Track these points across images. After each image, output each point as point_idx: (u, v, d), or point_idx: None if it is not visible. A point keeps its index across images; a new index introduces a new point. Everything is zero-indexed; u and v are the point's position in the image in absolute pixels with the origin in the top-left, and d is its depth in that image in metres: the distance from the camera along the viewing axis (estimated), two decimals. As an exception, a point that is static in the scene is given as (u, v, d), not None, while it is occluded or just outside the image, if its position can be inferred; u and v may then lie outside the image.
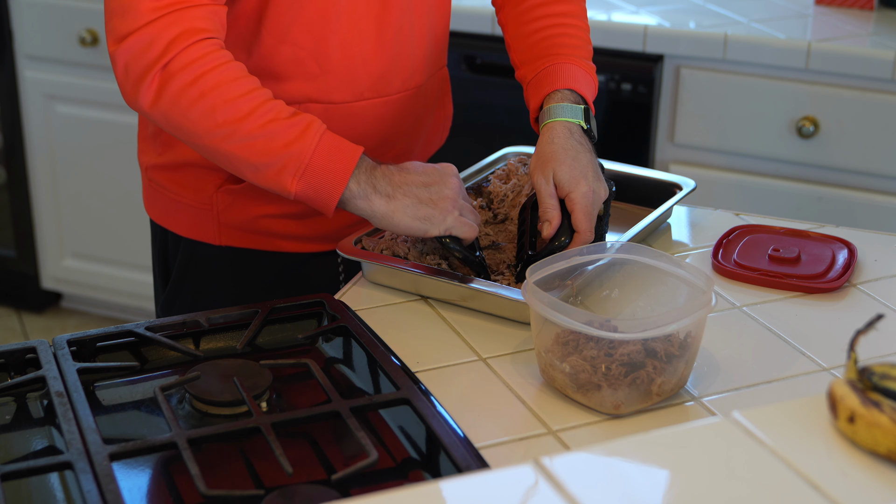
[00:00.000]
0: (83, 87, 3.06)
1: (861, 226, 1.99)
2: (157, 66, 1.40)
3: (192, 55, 1.40)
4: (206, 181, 1.62)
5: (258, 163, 1.43)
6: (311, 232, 1.65)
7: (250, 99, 1.42)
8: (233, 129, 1.41)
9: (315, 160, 1.42)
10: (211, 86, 1.41)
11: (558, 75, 1.60)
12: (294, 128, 1.42)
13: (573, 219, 1.49)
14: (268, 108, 1.42)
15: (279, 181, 1.43)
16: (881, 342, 1.37)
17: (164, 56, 1.40)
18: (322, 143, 1.42)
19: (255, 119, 1.41)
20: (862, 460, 0.92)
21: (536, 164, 1.52)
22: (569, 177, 1.49)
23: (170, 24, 1.40)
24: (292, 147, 1.42)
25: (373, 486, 1.13)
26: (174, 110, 1.42)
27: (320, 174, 1.42)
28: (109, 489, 1.08)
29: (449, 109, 1.81)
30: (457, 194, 1.46)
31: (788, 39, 2.45)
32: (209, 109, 1.41)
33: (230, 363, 1.29)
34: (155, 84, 1.41)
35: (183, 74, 1.40)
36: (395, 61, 1.59)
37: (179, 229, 1.67)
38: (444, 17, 1.68)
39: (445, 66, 1.75)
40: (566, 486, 0.89)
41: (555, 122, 1.55)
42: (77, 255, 3.26)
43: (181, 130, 1.44)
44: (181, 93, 1.41)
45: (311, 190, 1.43)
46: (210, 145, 1.44)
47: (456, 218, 1.45)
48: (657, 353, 1.25)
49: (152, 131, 1.66)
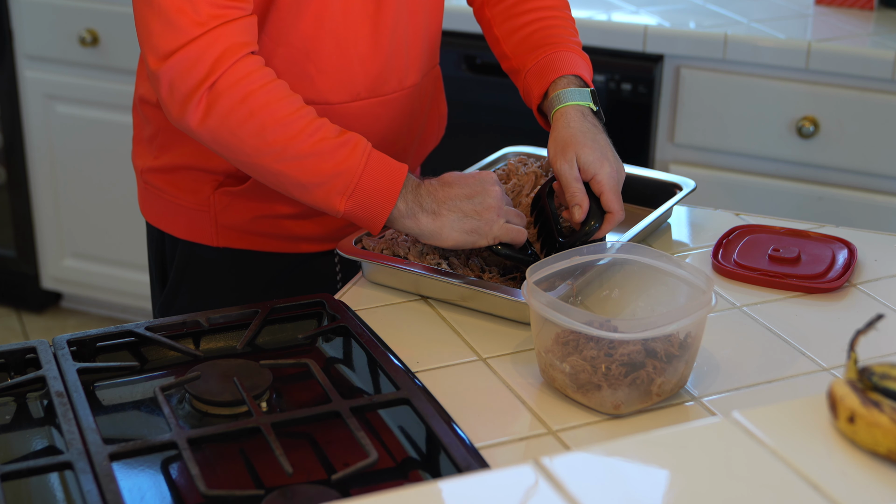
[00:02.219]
0: (83, 87, 3.06)
1: (861, 226, 1.99)
2: (204, 85, 1.39)
3: (239, 73, 1.40)
4: (203, 183, 1.62)
5: (308, 182, 1.43)
6: (309, 232, 1.65)
7: (299, 118, 1.42)
8: (283, 148, 1.41)
9: (364, 181, 1.42)
10: (260, 104, 1.40)
11: (560, 63, 1.61)
12: (343, 147, 1.42)
13: (603, 200, 1.50)
14: (316, 127, 1.42)
15: (328, 201, 1.43)
16: (881, 342, 1.37)
17: (212, 74, 1.39)
18: (370, 164, 1.43)
19: (304, 138, 1.41)
20: (862, 460, 0.92)
21: (556, 149, 1.53)
22: (592, 159, 1.50)
23: (214, 41, 1.38)
24: (341, 167, 1.42)
25: (373, 486, 1.13)
26: (223, 129, 1.41)
27: (369, 194, 1.43)
28: (109, 489, 1.08)
29: (443, 108, 1.81)
30: (500, 202, 1.46)
31: (788, 39, 2.45)
32: (259, 128, 1.40)
33: (230, 363, 1.29)
34: (203, 103, 1.40)
35: (231, 93, 1.40)
36: (391, 61, 1.60)
37: (177, 231, 1.67)
38: (438, 15, 1.68)
39: (438, 65, 1.76)
40: (566, 486, 0.89)
41: (567, 107, 1.56)
42: (77, 255, 3.26)
43: (229, 149, 1.43)
44: (230, 112, 1.40)
45: (360, 209, 1.43)
46: (260, 163, 1.43)
47: (502, 226, 1.45)
48: (657, 353, 1.25)
49: (148, 134, 1.65)
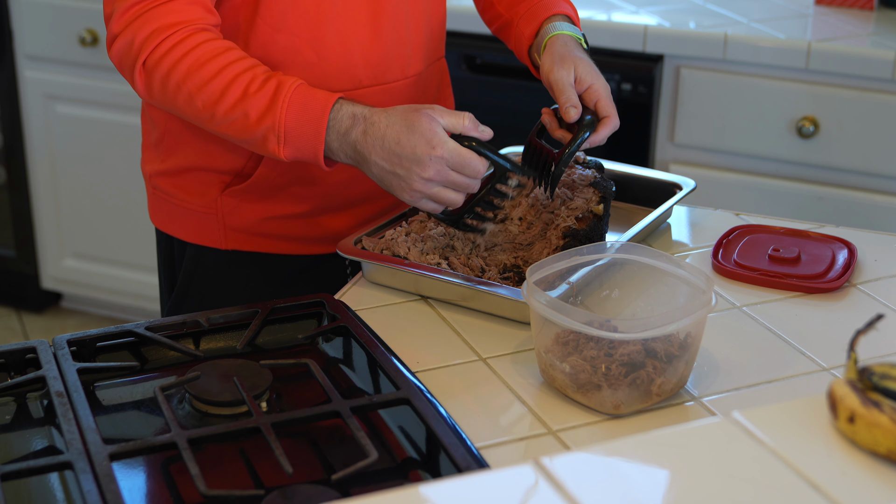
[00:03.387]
0: (83, 87, 3.06)
1: (861, 226, 1.99)
2: (138, 63, 1.46)
3: (163, 49, 1.45)
4: (209, 185, 1.62)
5: (247, 139, 1.46)
6: (318, 233, 1.65)
7: (221, 79, 1.44)
8: (212, 113, 1.45)
9: (289, 125, 1.43)
10: (183, 75, 1.45)
11: (552, 5, 1.66)
12: (264, 98, 1.44)
13: (600, 105, 1.53)
14: (238, 85, 1.44)
15: (268, 151, 1.46)
16: (881, 342, 1.37)
17: (142, 53, 1.46)
18: (292, 107, 1.43)
19: (228, 99, 1.44)
20: (862, 460, 0.92)
21: (553, 62, 1.56)
22: (589, 70, 1.54)
23: (144, 23, 1.45)
24: (265, 119, 1.44)
25: (373, 486, 1.13)
26: (165, 101, 1.48)
27: (298, 138, 1.44)
28: (109, 489, 1.08)
29: (451, 102, 1.81)
30: (424, 186, 1.41)
31: (788, 39, 2.45)
32: (188, 98, 1.46)
33: (230, 363, 1.29)
34: (142, 79, 1.48)
35: (159, 69, 1.46)
36: (392, 48, 1.60)
37: (185, 235, 1.67)
38: (440, 6, 1.69)
39: (444, 58, 1.76)
40: (566, 486, 0.89)
41: (563, 34, 1.61)
42: (77, 255, 3.26)
43: (181, 116, 1.51)
44: (163, 85, 1.46)
45: (298, 153, 1.45)
46: (206, 128, 1.49)
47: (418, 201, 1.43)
48: (657, 353, 1.25)
49: (155, 139, 1.66)
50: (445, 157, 1.39)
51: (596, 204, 1.58)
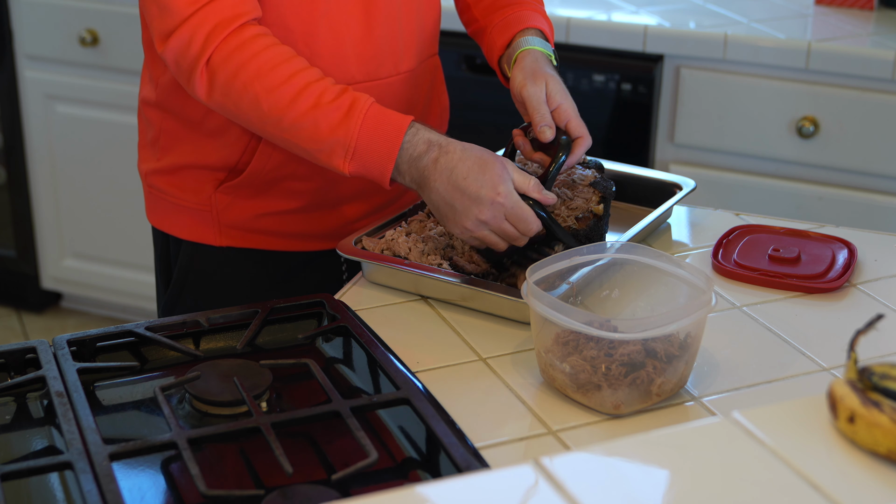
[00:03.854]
0: (83, 87, 3.06)
1: (861, 226, 1.99)
2: (201, 62, 1.44)
3: (230, 46, 1.43)
4: (204, 182, 1.63)
5: (310, 148, 1.45)
6: (313, 229, 1.65)
7: (292, 85, 1.43)
8: (279, 117, 1.44)
9: (361, 142, 1.43)
10: (251, 76, 1.43)
11: (526, 19, 1.66)
12: (338, 111, 1.43)
13: (570, 126, 1.54)
14: (310, 93, 1.43)
15: (332, 164, 1.45)
16: (881, 342, 1.37)
17: (205, 51, 1.43)
18: (366, 123, 1.43)
19: (298, 106, 1.43)
20: (862, 460, 0.92)
21: (525, 78, 1.56)
22: (559, 89, 1.54)
23: (205, 18, 1.43)
24: (337, 132, 1.43)
25: (373, 486, 1.13)
26: (227, 102, 1.46)
27: (368, 155, 1.43)
28: (109, 489, 1.08)
29: (445, 100, 1.80)
30: (476, 226, 1.41)
31: (788, 39, 2.45)
32: (254, 100, 1.44)
33: (230, 363, 1.29)
34: (204, 79, 1.45)
35: (224, 68, 1.43)
36: (385, 44, 1.60)
37: (180, 233, 1.67)
38: (435, 4, 1.69)
39: (437, 55, 1.76)
40: (566, 486, 0.89)
41: (534, 49, 1.61)
42: (77, 255, 3.26)
43: (240, 120, 1.48)
44: (227, 85, 1.44)
45: (364, 170, 1.45)
46: (266, 132, 1.47)
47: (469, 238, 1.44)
48: (657, 353, 1.25)
49: (151, 138, 1.66)
50: (506, 206, 1.40)
51: (596, 204, 1.58)
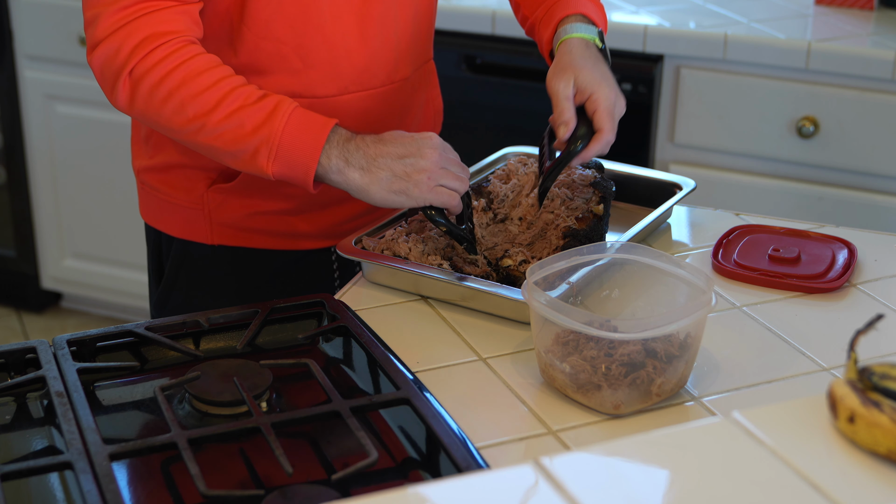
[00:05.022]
0: (83, 87, 3.05)
1: (861, 226, 1.99)
2: (124, 72, 1.45)
3: (155, 58, 1.44)
4: (196, 181, 1.63)
5: (233, 150, 1.45)
6: (304, 229, 1.65)
7: (216, 90, 1.44)
8: (203, 123, 1.44)
9: (284, 140, 1.44)
10: (177, 83, 1.44)
11: (566, 5, 1.62)
12: (261, 111, 1.44)
13: (596, 117, 1.49)
14: (234, 97, 1.44)
15: (255, 165, 1.45)
16: (881, 342, 1.37)
17: (129, 62, 1.44)
18: (291, 122, 1.44)
19: (223, 109, 1.44)
20: (862, 460, 0.92)
21: (554, 72, 1.53)
22: (591, 79, 1.50)
23: (133, 31, 1.44)
24: (261, 131, 1.44)
25: (373, 486, 1.13)
26: (149, 110, 1.46)
27: (291, 153, 1.44)
28: (109, 489, 1.08)
29: (438, 103, 1.80)
30: (434, 165, 1.45)
31: (788, 39, 2.45)
32: (179, 106, 1.45)
33: (230, 363, 1.29)
34: (126, 88, 1.46)
35: (149, 77, 1.44)
36: (379, 54, 1.59)
37: (172, 230, 1.67)
38: (429, 8, 1.68)
39: (432, 60, 1.75)
40: (566, 486, 0.89)
41: (571, 38, 1.56)
42: (77, 255, 3.26)
43: (160, 128, 1.49)
44: (150, 94, 1.45)
45: (287, 169, 1.45)
46: (189, 139, 1.47)
47: (432, 189, 1.45)
48: (657, 353, 1.25)
49: (144, 135, 1.67)
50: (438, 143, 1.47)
51: (596, 204, 1.59)
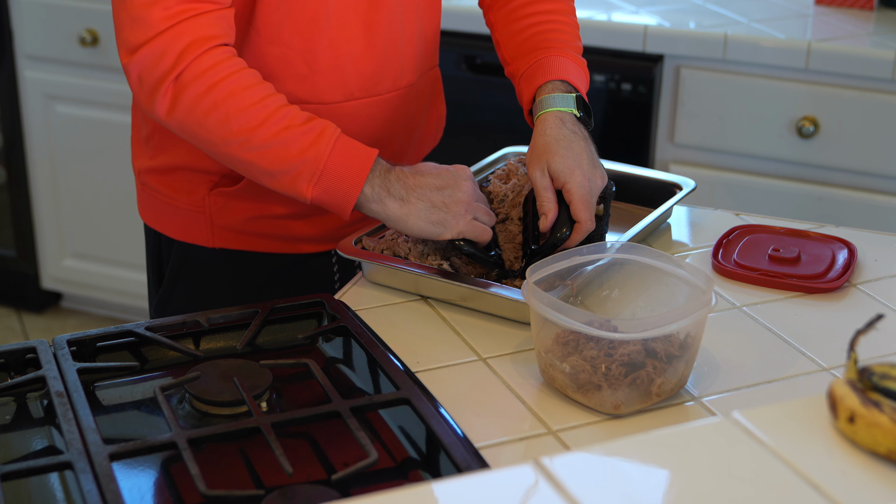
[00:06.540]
0: (83, 87, 3.06)
1: (861, 226, 1.99)
2: (169, 77, 1.41)
3: (204, 64, 1.41)
4: (198, 184, 1.62)
5: (274, 170, 1.43)
6: (305, 233, 1.65)
7: (264, 107, 1.42)
8: (247, 138, 1.42)
9: (329, 166, 1.43)
10: (224, 95, 1.41)
11: (549, 67, 1.61)
12: (308, 134, 1.43)
13: (571, 209, 1.49)
14: (282, 115, 1.43)
15: (295, 187, 1.44)
16: (881, 342, 1.37)
17: (177, 66, 1.40)
18: (336, 149, 1.43)
19: (269, 127, 1.42)
20: (862, 460, 0.92)
21: (531, 157, 1.53)
22: (563, 167, 1.49)
23: (181, 34, 1.40)
24: (307, 154, 1.42)
25: (373, 486, 1.13)
26: (189, 120, 1.43)
27: (335, 179, 1.43)
28: (109, 489, 1.08)
29: (442, 109, 1.81)
30: (470, 198, 1.47)
31: (788, 39, 2.45)
32: (223, 119, 1.42)
33: (230, 363, 1.29)
34: (169, 94, 1.42)
35: (196, 84, 1.41)
36: (385, 61, 1.59)
37: (173, 233, 1.67)
38: (435, 15, 1.68)
39: (437, 66, 1.75)
40: (566, 486, 0.89)
41: (546, 114, 1.56)
42: (77, 255, 3.26)
43: (198, 139, 1.45)
44: (195, 103, 1.42)
45: (327, 195, 1.44)
46: (227, 153, 1.45)
47: (469, 222, 1.46)
48: (657, 353, 1.25)
49: (145, 135, 1.65)
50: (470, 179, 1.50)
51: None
